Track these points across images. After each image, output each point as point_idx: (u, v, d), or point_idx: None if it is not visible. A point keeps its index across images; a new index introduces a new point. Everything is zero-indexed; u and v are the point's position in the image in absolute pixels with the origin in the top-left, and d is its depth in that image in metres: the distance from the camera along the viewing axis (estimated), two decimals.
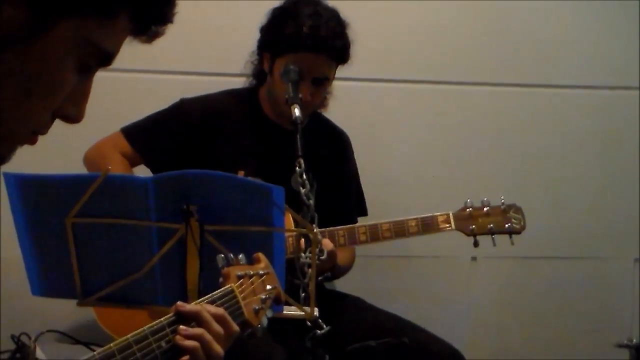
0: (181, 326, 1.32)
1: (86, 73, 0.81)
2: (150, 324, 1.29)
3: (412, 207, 2.78)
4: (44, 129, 0.82)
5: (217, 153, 2.49)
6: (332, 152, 2.63)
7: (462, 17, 3.11)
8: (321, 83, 2.47)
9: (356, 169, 2.71)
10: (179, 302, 1.35)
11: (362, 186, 2.74)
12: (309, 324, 1.98)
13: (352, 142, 2.72)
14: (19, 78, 0.76)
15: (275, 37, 2.47)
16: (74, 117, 0.83)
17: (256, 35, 2.55)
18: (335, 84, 2.70)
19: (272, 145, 2.53)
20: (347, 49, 2.49)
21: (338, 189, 2.59)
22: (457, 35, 3.11)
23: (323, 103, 2.66)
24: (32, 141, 0.82)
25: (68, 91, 0.80)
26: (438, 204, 2.58)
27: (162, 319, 1.31)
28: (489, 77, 3.14)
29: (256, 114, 2.57)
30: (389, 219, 2.48)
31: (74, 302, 1.86)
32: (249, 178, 2.38)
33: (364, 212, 2.68)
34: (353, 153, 2.70)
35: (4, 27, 0.74)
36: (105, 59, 0.82)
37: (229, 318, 1.38)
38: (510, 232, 2.50)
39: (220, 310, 1.37)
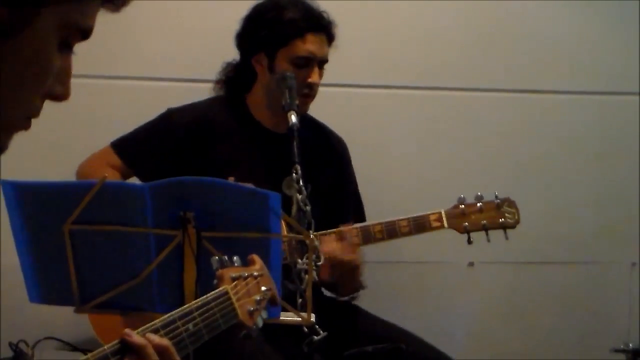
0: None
1: (66, 51, 0.83)
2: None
3: (411, 210, 2.79)
4: (37, 112, 0.84)
5: (207, 161, 2.48)
6: (328, 158, 2.63)
7: (459, 23, 3.12)
8: (322, 66, 2.49)
9: (354, 175, 2.71)
10: (126, 331, 1.30)
11: (359, 192, 2.74)
12: (305, 330, 1.99)
13: (348, 148, 2.72)
14: (10, 70, 0.79)
15: (271, 31, 2.45)
16: (61, 95, 0.85)
17: None
18: (332, 90, 2.71)
19: (263, 150, 2.53)
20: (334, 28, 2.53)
21: (332, 194, 2.59)
22: (454, 41, 3.11)
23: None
24: (27, 126, 0.84)
25: (55, 73, 0.83)
26: (435, 209, 2.58)
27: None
28: (486, 83, 3.14)
29: (246, 119, 2.56)
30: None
31: (72, 309, 1.87)
32: (246, 185, 2.39)
33: (362, 219, 2.68)
34: (350, 160, 2.70)
35: None
36: (85, 35, 0.84)
37: (173, 351, 1.35)
38: (504, 227, 2.45)
39: (165, 342, 1.32)
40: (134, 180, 2.51)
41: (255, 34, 2.49)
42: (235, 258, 1.56)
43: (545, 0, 3.14)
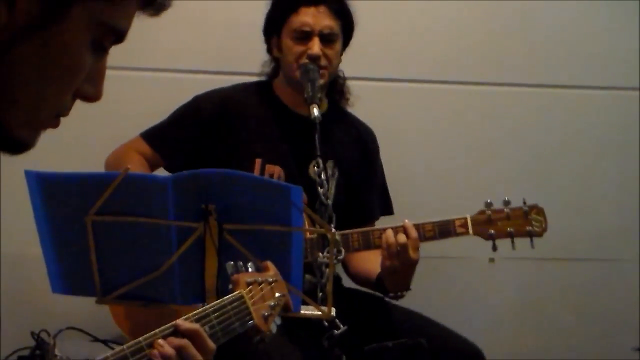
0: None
1: (100, 52, 0.83)
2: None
3: (430, 206, 2.78)
4: (66, 111, 0.84)
5: (235, 143, 2.50)
6: (357, 147, 2.63)
7: (474, 19, 3.12)
8: (329, 40, 2.48)
9: (381, 166, 2.71)
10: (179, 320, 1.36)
11: (386, 184, 2.73)
12: (326, 324, 1.99)
13: (376, 138, 2.72)
14: (39, 66, 0.78)
15: (275, 12, 2.53)
16: (92, 96, 0.85)
17: None
18: (353, 83, 2.71)
19: (290, 133, 2.54)
20: (345, 3, 2.52)
21: (361, 183, 2.60)
22: (469, 37, 3.12)
23: (344, 97, 2.67)
24: (55, 124, 0.84)
25: (86, 72, 0.82)
26: (455, 204, 2.57)
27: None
28: (489, 77, 3.14)
29: (273, 103, 2.58)
30: (406, 218, 2.45)
31: (93, 299, 1.88)
32: (268, 178, 2.39)
33: (389, 211, 2.68)
34: (379, 150, 2.70)
35: (20, 19, 0.76)
36: (118, 37, 0.83)
37: (191, 350, 1.38)
38: (531, 236, 2.40)
39: (184, 342, 1.36)
40: (162, 171, 2.53)
41: (267, 19, 2.56)
42: (249, 264, 1.57)
43: None
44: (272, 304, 1.55)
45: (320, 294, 1.94)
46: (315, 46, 2.44)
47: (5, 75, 0.77)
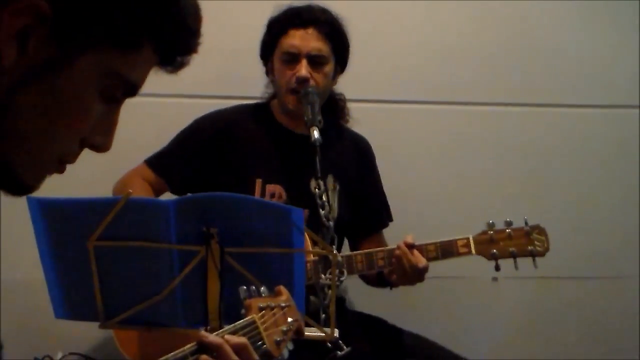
0: (203, 356, 1.31)
1: (112, 103, 0.83)
2: (174, 352, 1.28)
3: (432, 227, 2.78)
4: (71, 157, 0.83)
5: (235, 164, 2.52)
6: (357, 159, 2.66)
7: (474, 39, 3.14)
8: (318, 63, 2.47)
9: (379, 174, 2.72)
10: (202, 332, 1.32)
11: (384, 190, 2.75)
12: (329, 345, 1.98)
13: (371, 146, 2.74)
14: (45, 109, 0.78)
15: (267, 35, 2.54)
16: (101, 146, 0.84)
17: None
18: (352, 105, 2.72)
19: (288, 151, 2.56)
20: (336, 25, 2.51)
21: (368, 194, 2.62)
22: (470, 58, 3.13)
23: (343, 114, 2.68)
24: (60, 170, 0.84)
25: (94, 121, 0.81)
26: (456, 224, 2.58)
27: (184, 347, 1.30)
28: (496, 97, 3.15)
29: (270, 122, 2.60)
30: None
31: (96, 324, 1.87)
32: (269, 201, 2.40)
33: (389, 218, 2.70)
34: (375, 157, 2.72)
35: (31, 60, 0.76)
36: (131, 89, 0.83)
37: (251, 349, 1.36)
38: (533, 255, 2.42)
39: (243, 340, 1.34)
40: (167, 196, 2.54)
41: (261, 43, 2.58)
42: (262, 288, 1.56)
43: (550, 16, 3.15)
44: (285, 329, 1.54)
45: (323, 315, 1.93)
46: (303, 69, 2.44)
47: (12, 116, 0.77)
